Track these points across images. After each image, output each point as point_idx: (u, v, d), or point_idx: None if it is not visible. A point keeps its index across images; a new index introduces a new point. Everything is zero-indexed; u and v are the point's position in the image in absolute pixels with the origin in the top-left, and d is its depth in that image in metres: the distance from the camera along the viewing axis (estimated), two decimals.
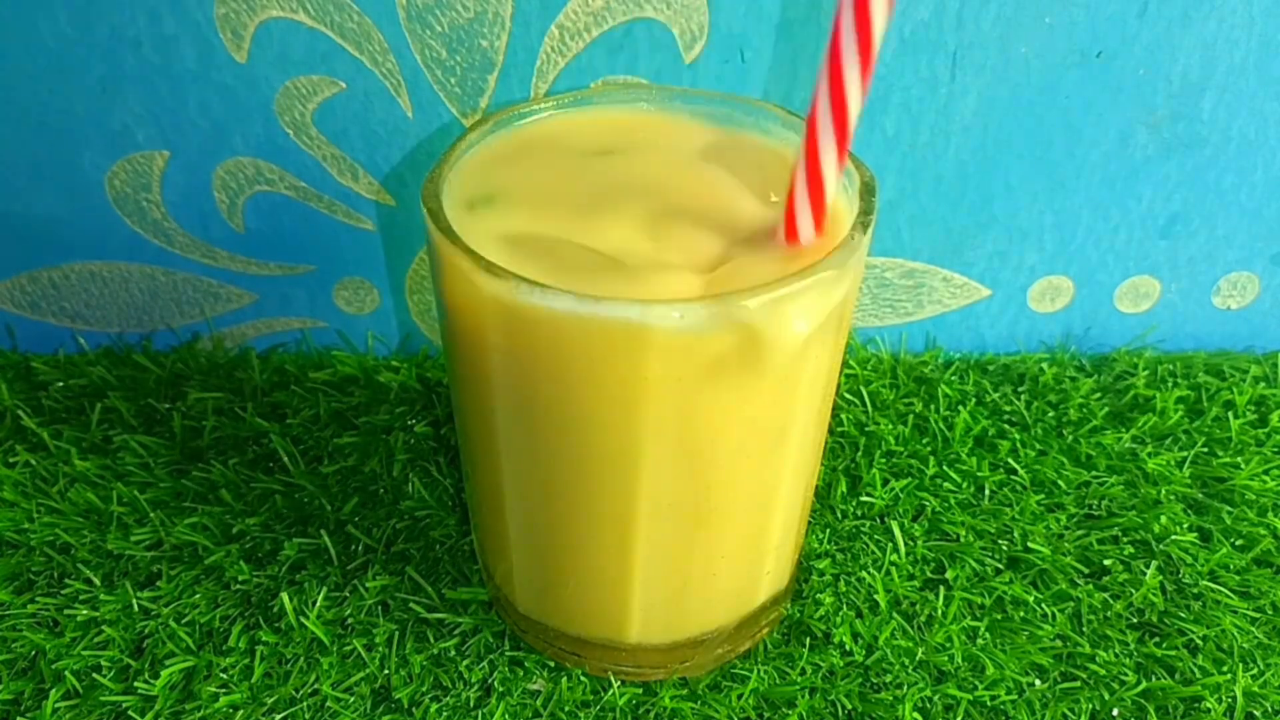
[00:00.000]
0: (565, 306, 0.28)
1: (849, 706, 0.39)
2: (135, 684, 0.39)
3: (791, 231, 0.31)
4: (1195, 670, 0.40)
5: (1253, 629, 0.42)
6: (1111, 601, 0.43)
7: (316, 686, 0.39)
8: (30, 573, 0.43)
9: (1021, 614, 0.42)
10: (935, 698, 0.39)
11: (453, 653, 0.40)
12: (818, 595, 0.43)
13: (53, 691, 0.39)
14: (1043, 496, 0.47)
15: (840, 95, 0.28)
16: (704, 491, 0.33)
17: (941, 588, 0.43)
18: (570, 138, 0.36)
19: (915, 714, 0.39)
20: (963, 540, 0.45)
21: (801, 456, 0.35)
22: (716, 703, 0.39)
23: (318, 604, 0.41)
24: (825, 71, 0.28)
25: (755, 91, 0.45)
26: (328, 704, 0.39)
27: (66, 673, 0.39)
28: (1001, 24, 0.44)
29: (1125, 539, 0.45)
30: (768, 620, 0.41)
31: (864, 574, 0.43)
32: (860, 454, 0.49)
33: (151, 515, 0.45)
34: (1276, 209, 0.51)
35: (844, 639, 0.41)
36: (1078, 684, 0.40)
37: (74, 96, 0.45)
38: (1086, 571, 0.44)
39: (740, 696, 0.39)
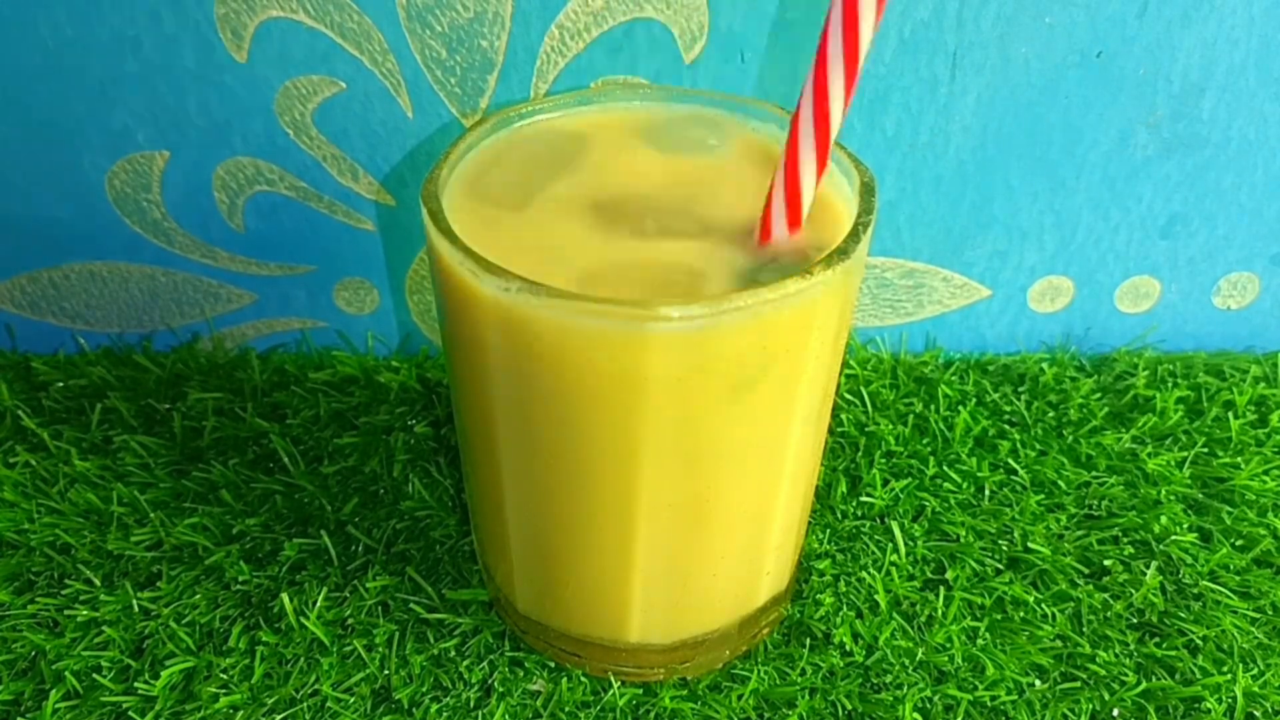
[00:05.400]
0: (565, 307, 0.28)
1: (849, 707, 0.39)
2: (135, 684, 0.39)
3: (766, 232, 0.31)
4: (1195, 670, 0.40)
5: (1253, 629, 0.42)
6: (1111, 601, 0.43)
7: (316, 687, 0.39)
8: (30, 573, 0.43)
9: (1021, 614, 0.42)
10: (935, 698, 0.39)
11: (453, 653, 0.40)
12: (818, 595, 0.43)
13: (53, 692, 0.39)
14: (1043, 496, 0.47)
15: (824, 101, 0.29)
16: (704, 492, 0.33)
17: (941, 588, 0.43)
18: (570, 137, 0.36)
19: (915, 714, 0.39)
20: (963, 540, 0.45)
21: (801, 457, 0.35)
22: (716, 703, 0.39)
23: (318, 604, 0.41)
24: (811, 77, 0.29)
25: (755, 91, 0.45)
26: (328, 704, 0.39)
27: (66, 673, 0.39)
28: (1001, 24, 0.44)
29: (1125, 539, 0.45)
30: (768, 621, 0.41)
31: (864, 574, 0.43)
32: (860, 454, 0.49)
33: (151, 515, 0.45)
34: (1276, 209, 0.51)
35: (844, 639, 0.41)
36: (1078, 684, 0.40)
37: (74, 96, 0.45)
38: (1086, 571, 0.44)
39: (740, 697, 0.39)
